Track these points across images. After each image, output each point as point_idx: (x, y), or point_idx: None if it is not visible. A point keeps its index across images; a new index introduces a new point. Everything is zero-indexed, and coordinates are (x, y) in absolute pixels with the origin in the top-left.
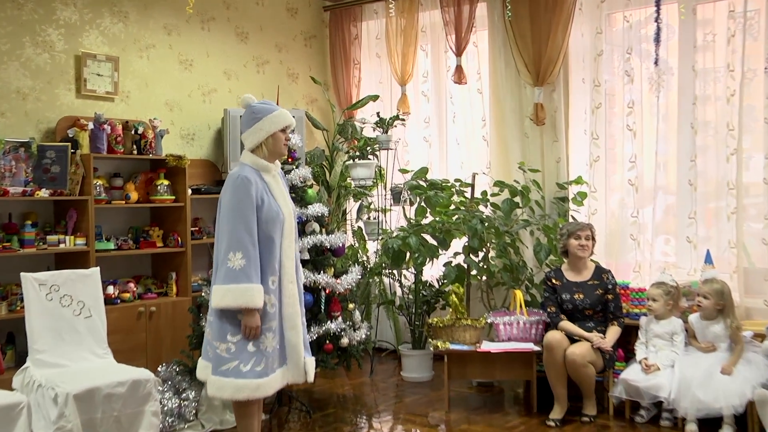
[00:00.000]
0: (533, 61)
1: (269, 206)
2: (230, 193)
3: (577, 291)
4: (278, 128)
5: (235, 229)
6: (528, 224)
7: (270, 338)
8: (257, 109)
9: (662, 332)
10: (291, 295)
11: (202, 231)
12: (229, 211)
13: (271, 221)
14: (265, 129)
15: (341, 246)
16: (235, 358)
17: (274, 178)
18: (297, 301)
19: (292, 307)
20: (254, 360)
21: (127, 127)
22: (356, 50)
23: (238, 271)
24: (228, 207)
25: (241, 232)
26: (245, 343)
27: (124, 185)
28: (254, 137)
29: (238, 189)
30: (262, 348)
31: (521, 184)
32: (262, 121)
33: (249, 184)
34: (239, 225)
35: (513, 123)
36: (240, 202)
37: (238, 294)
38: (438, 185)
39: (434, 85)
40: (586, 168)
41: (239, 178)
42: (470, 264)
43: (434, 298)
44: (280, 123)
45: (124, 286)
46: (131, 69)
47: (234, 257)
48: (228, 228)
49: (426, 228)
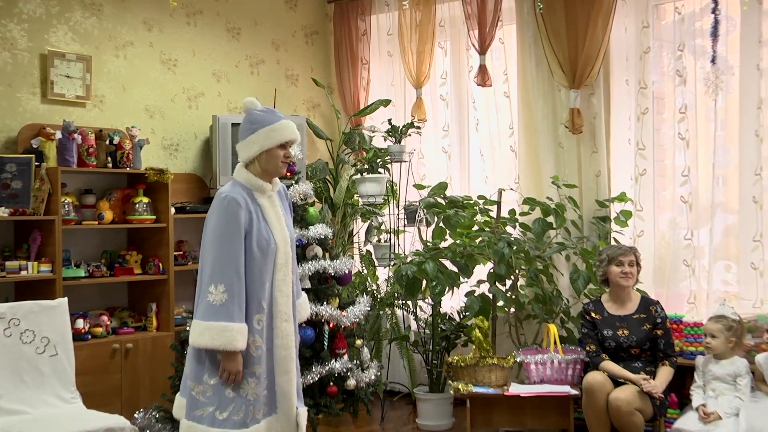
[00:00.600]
0: (569, 60)
1: (259, 233)
2: (216, 216)
3: (620, 326)
4: (275, 144)
5: (218, 257)
6: (563, 248)
7: (253, 385)
8: (255, 118)
9: (723, 374)
10: (285, 336)
11: (187, 256)
12: (213, 237)
13: (261, 251)
14: (259, 143)
15: (347, 273)
16: (211, 404)
17: (269, 199)
18: (292, 343)
19: (286, 349)
20: (233, 407)
21: (101, 137)
22: (364, 48)
23: (219, 306)
24: (213, 232)
25: (225, 262)
26: (223, 388)
27: (97, 203)
28: (246, 151)
29: (225, 211)
30: (243, 394)
31: (555, 202)
32: (257, 133)
33: (237, 208)
34: (223, 253)
35: (545, 131)
36: (226, 226)
37: (216, 333)
38: (459, 203)
39: (454, 87)
40: (630, 183)
41: (227, 198)
42: (496, 294)
43: (455, 334)
44: (278, 138)
45: (95, 319)
46: (106, 70)
47: (215, 290)
48: (211, 256)
49: (445, 252)
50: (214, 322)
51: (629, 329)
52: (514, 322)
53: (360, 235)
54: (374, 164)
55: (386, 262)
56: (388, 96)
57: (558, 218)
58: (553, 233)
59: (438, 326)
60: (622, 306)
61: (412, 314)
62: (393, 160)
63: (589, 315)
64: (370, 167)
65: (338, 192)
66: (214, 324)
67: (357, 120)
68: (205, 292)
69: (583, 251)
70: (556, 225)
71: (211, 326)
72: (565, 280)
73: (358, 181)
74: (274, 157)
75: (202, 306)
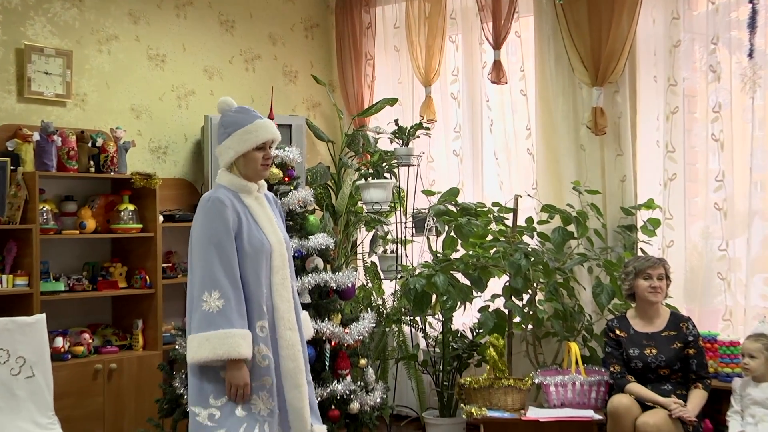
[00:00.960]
0: (591, 55)
1: (250, 234)
2: (201, 219)
3: (648, 345)
4: (250, 146)
5: (209, 263)
6: (585, 259)
7: (265, 399)
8: (227, 121)
9: (764, 398)
10: (290, 346)
11: (177, 268)
12: (200, 241)
13: (254, 253)
14: (234, 148)
15: (350, 287)
16: (221, 427)
17: (257, 200)
18: (299, 353)
19: (293, 360)
20: (245, 426)
21: (83, 139)
22: (369, 42)
23: (216, 314)
24: (199, 236)
25: (215, 267)
26: (232, 407)
27: (78, 211)
28: (224, 156)
29: (210, 213)
30: (255, 411)
31: (576, 209)
32: (231, 137)
33: (223, 208)
34: (214, 258)
35: (565, 132)
36: (213, 229)
37: (217, 342)
38: (471, 210)
39: (466, 85)
40: (659, 189)
41: (210, 200)
42: (512, 309)
43: (467, 353)
44: (252, 140)
45: (76, 337)
46: (88, 66)
47: (209, 298)
48: (201, 263)
49: (456, 264)
50: (213, 331)
51: (658, 348)
52: (531, 340)
53: (364, 246)
54: (380, 168)
55: (393, 275)
56: (395, 94)
57: (579, 227)
58: (575, 243)
59: (449, 345)
60: (650, 323)
61: (420, 331)
62: (400, 164)
63: (614, 332)
64: (375, 172)
65: (340, 199)
66: (213, 333)
67: (361, 120)
68: (198, 302)
69: (607, 263)
70: (578, 234)
71: (211, 336)
72: (587, 294)
73: (362, 186)
74: (252, 160)
75: (196, 317)
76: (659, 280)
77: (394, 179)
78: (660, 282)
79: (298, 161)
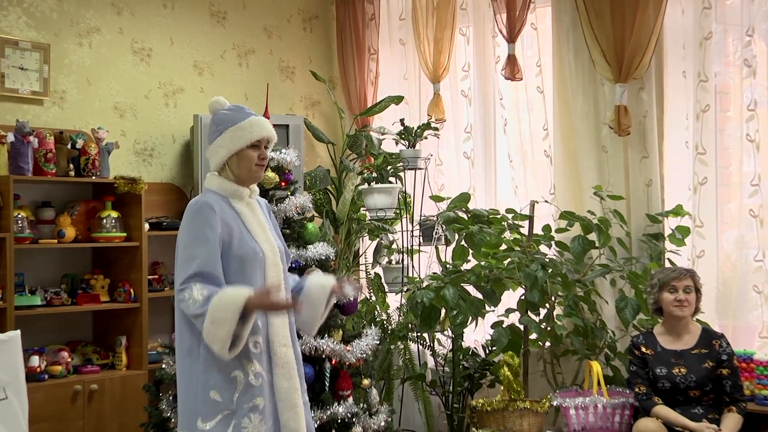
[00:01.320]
0: (614, 49)
1: (242, 242)
2: (187, 227)
3: (676, 363)
4: (244, 144)
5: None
6: (607, 271)
7: (257, 422)
8: (219, 119)
9: None
10: (285, 363)
11: (164, 280)
12: (185, 245)
13: (246, 262)
14: (226, 146)
15: (352, 300)
16: None
17: (248, 206)
18: (294, 372)
19: (288, 379)
20: None
21: (62, 140)
22: (372, 35)
23: (203, 300)
24: (184, 241)
25: (201, 266)
26: (224, 427)
27: (57, 218)
28: (216, 156)
29: (196, 219)
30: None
31: (598, 216)
32: (223, 135)
33: (211, 213)
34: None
35: (586, 133)
36: (198, 230)
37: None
38: (483, 218)
39: (478, 82)
40: (688, 194)
41: (197, 205)
42: (528, 325)
43: (479, 372)
44: (246, 137)
45: (54, 355)
46: (67, 61)
47: (192, 293)
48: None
49: (468, 276)
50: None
51: (687, 367)
52: (549, 358)
53: (367, 256)
54: (384, 172)
55: (398, 288)
56: (401, 92)
57: (601, 236)
58: (596, 253)
59: (459, 363)
60: (679, 340)
61: (428, 349)
62: (406, 167)
63: (639, 350)
64: (380, 176)
65: (342, 205)
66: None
67: (364, 120)
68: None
69: (632, 275)
70: (600, 244)
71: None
72: (610, 309)
73: (365, 192)
74: (246, 159)
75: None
76: (686, 293)
77: (399, 184)
78: (687, 295)
79: (295, 164)
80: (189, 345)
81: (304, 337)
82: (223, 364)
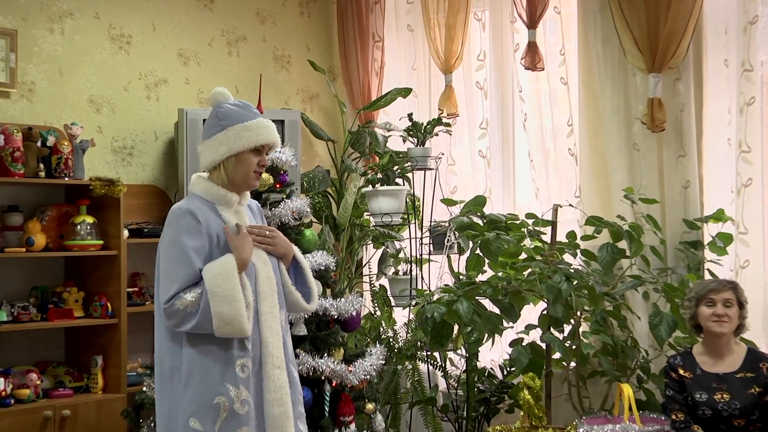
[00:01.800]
0: (647, 35)
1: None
2: (169, 237)
3: (718, 388)
4: (248, 146)
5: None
6: (640, 283)
7: None
8: (224, 113)
9: None
10: (278, 388)
11: (145, 293)
12: (165, 262)
13: None
14: (227, 145)
15: (355, 315)
16: None
17: (237, 214)
18: (288, 397)
19: (281, 404)
20: None
21: (31, 137)
22: (377, 21)
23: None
24: (165, 249)
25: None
26: None
27: (25, 224)
28: (211, 153)
29: (177, 227)
30: None
31: (628, 222)
32: (226, 131)
33: (192, 222)
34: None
35: (615, 128)
36: (179, 236)
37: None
38: (501, 223)
39: (495, 72)
40: (730, 196)
41: (180, 212)
42: (551, 343)
43: (496, 396)
44: (252, 140)
45: (21, 378)
46: (36, 49)
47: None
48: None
49: (483, 288)
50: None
51: (731, 393)
52: (575, 380)
53: (372, 266)
54: (390, 173)
55: (406, 302)
56: (408, 84)
57: (633, 244)
58: (627, 263)
59: (474, 386)
60: (721, 361)
61: (440, 370)
62: (414, 167)
63: (677, 372)
64: (385, 177)
65: (343, 209)
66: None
67: (367, 115)
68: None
69: (667, 287)
70: (631, 253)
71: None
72: (642, 325)
73: (369, 194)
74: (246, 163)
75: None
76: (726, 307)
77: (407, 186)
78: (727, 309)
79: (291, 164)
80: (170, 367)
81: (301, 356)
82: (205, 387)
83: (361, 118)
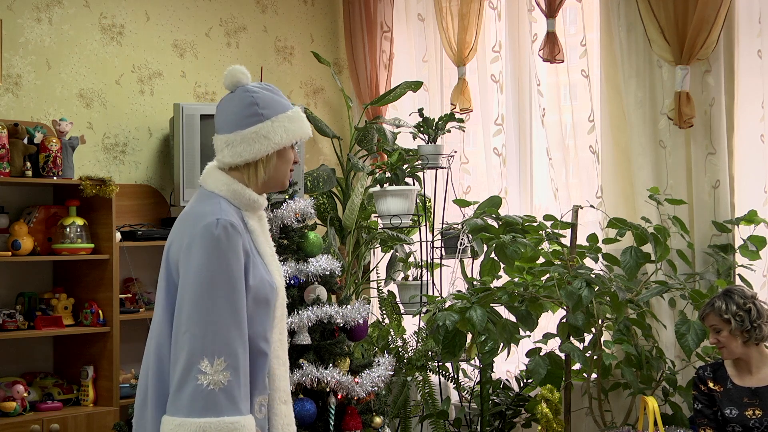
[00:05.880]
0: (675, 24)
1: (257, 275)
2: (204, 254)
3: (750, 404)
4: (292, 141)
5: (214, 315)
6: (666, 289)
7: None
8: (262, 100)
9: None
10: (286, 426)
11: (139, 299)
12: (202, 285)
13: (260, 301)
14: (275, 139)
15: (362, 324)
16: None
17: (260, 221)
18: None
19: None
20: None
21: (17, 134)
22: (386, 9)
23: (219, 393)
24: (200, 277)
25: (226, 324)
26: None
27: (11, 226)
28: (250, 148)
29: (219, 245)
30: None
31: (654, 224)
32: (270, 122)
33: (237, 238)
34: (224, 310)
35: (640, 124)
36: (225, 271)
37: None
38: (517, 226)
39: (511, 64)
40: (763, 197)
41: (220, 226)
42: (571, 353)
43: (512, 409)
44: (297, 133)
45: (7, 390)
46: (22, 39)
47: (211, 368)
48: (202, 314)
49: (498, 295)
50: (213, 417)
51: (763, 409)
52: (596, 393)
53: (380, 271)
54: (399, 172)
55: (416, 309)
56: (419, 77)
57: (658, 247)
58: (652, 268)
59: (489, 398)
60: (753, 374)
61: (452, 381)
62: (425, 165)
63: (706, 385)
64: (394, 176)
65: (349, 211)
66: (213, 421)
67: (375, 110)
68: (192, 370)
69: (695, 294)
70: (656, 257)
71: (210, 425)
72: (668, 334)
73: (377, 195)
74: (286, 161)
75: (188, 392)
76: (716, 333)
77: (417, 186)
78: (717, 335)
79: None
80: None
81: (304, 366)
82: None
83: (368, 113)
